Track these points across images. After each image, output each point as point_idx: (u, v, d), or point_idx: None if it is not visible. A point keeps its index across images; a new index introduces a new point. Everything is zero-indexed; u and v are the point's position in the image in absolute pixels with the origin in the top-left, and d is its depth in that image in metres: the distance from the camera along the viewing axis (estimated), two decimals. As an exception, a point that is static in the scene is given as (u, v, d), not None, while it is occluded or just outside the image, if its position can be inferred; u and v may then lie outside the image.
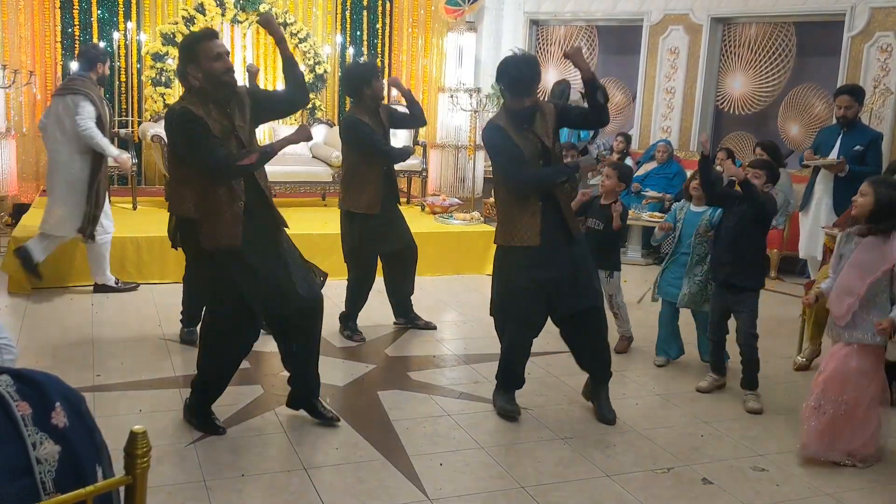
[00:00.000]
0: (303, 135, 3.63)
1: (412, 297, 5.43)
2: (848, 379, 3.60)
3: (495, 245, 4.01)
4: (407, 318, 5.40)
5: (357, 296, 5.19)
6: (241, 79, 3.86)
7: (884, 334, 3.56)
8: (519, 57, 3.74)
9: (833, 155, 5.86)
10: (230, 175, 3.45)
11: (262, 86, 8.39)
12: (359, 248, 5.09)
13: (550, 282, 3.82)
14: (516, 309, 3.92)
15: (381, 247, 5.18)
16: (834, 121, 6.36)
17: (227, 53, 3.53)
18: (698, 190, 4.56)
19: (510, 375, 4.03)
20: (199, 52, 3.43)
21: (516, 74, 3.72)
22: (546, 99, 7.94)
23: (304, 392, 3.79)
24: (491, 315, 4.14)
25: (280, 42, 3.72)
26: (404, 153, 5.21)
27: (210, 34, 3.53)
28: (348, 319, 5.20)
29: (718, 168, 5.61)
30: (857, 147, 5.78)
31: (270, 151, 3.52)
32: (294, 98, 3.79)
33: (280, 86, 8.50)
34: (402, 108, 5.36)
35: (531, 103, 3.77)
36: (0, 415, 1.32)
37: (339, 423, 3.78)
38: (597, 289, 4.00)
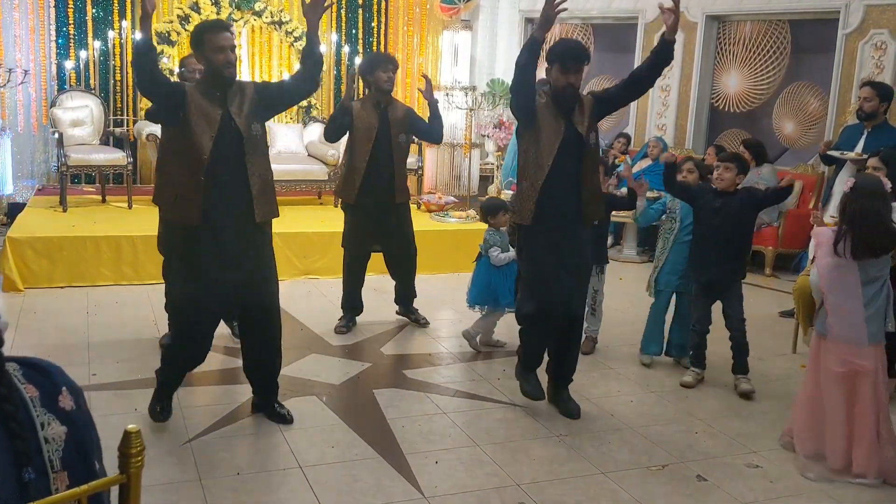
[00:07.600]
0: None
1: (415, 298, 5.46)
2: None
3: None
4: (405, 309, 5.43)
5: (344, 280, 5.26)
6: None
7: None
8: (573, 39, 3.87)
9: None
10: (137, 60, 3.48)
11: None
12: (346, 235, 5.21)
13: (559, 263, 3.88)
14: (526, 283, 4.01)
15: (367, 243, 5.22)
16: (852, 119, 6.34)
17: (233, 48, 3.53)
18: (694, 173, 4.63)
19: (525, 353, 4.09)
20: (205, 41, 3.49)
21: (567, 47, 3.88)
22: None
23: (262, 398, 3.83)
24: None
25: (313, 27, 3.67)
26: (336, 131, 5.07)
27: (219, 25, 3.59)
28: (343, 306, 5.26)
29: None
30: (882, 149, 5.72)
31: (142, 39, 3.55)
32: (298, 88, 3.80)
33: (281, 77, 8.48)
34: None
35: (575, 82, 3.82)
36: None
37: (293, 421, 3.77)
38: (584, 297, 4.16)
